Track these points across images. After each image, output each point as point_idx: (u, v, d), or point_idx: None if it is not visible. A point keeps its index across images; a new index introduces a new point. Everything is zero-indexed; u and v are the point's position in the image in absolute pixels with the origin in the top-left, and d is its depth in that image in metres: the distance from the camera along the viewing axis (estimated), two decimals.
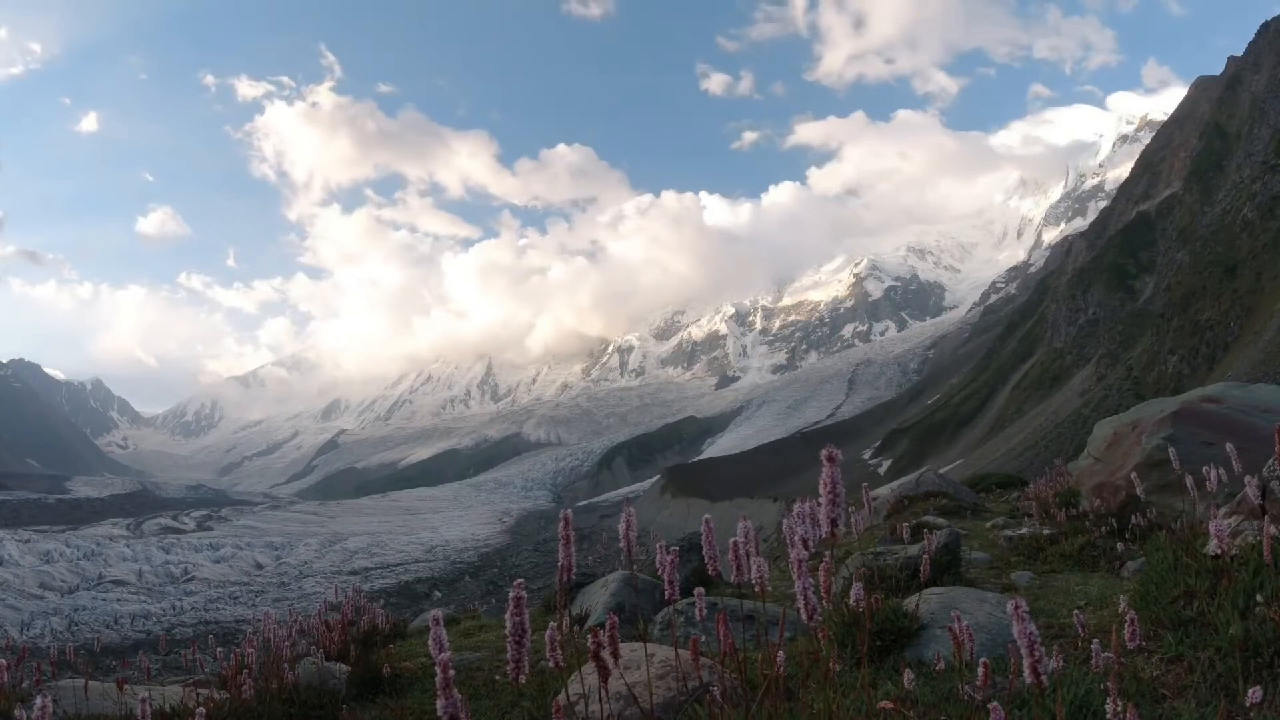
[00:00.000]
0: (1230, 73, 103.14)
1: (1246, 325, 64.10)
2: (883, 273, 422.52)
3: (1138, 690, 3.50)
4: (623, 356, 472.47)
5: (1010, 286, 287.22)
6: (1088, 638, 3.52)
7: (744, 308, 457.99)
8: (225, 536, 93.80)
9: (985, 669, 2.81)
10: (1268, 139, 79.37)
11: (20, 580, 62.86)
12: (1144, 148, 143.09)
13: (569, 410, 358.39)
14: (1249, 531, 4.63)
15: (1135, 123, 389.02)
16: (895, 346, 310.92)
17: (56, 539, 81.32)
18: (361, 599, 9.80)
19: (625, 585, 7.51)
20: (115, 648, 40.46)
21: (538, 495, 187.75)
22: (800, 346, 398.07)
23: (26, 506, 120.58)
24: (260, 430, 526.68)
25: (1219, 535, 3.35)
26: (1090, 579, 7.02)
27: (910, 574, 6.35)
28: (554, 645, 2.29)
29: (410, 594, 65.99)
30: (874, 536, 9.66)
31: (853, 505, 6.27)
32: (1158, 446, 8.39)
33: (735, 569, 2.62)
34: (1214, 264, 73.30)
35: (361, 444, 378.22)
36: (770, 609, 5.41)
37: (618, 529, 2.56)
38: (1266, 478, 4.81)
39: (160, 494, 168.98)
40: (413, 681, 6.17)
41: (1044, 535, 8.76)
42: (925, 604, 4.96)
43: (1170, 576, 4.48)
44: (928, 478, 15.42)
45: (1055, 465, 15.74)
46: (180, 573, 71.19)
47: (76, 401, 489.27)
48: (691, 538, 8.58)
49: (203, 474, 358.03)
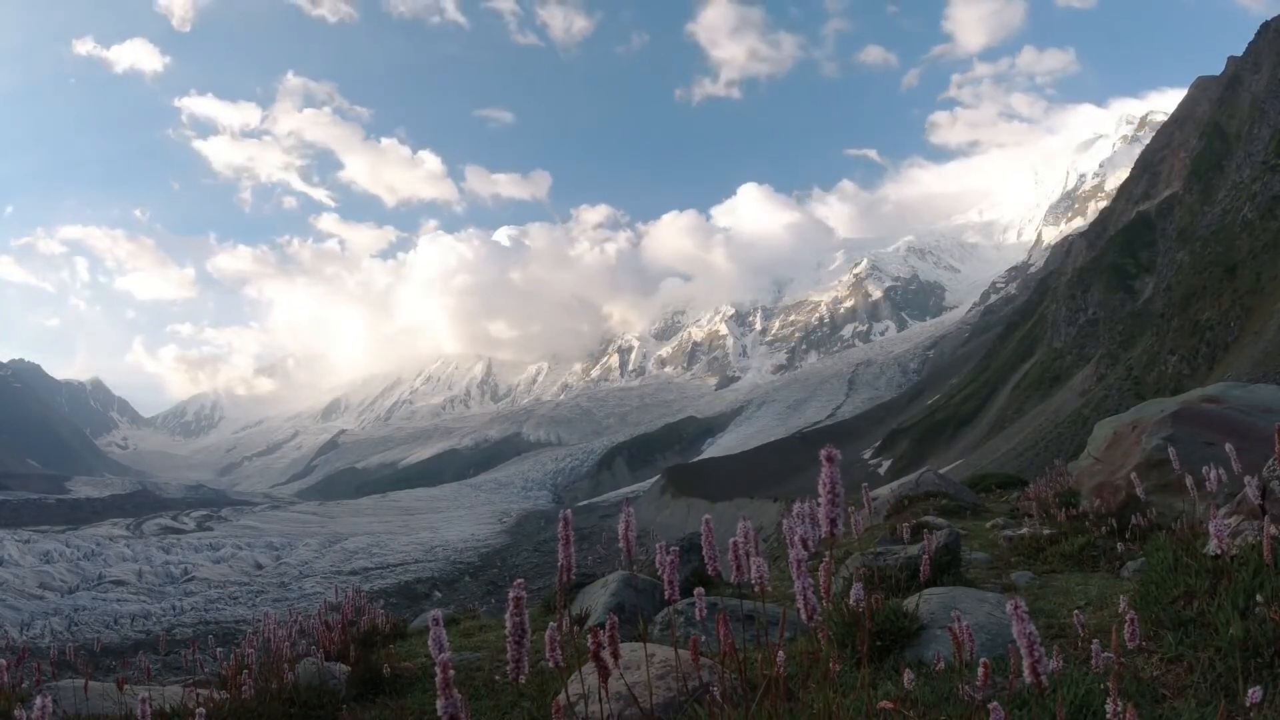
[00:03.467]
0: (1230, 73, 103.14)
1: (1246, 325, 64.09)
2: (883, 273, 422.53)
3: (1138, 690, 3.50)
4: (623, 356, 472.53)
5: (1010, 286, 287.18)
6: (1088, 638, 3.52)
7: (744, 308, 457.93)
8: (225, 537, 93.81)
9: (985, 669, 2.81)
10: (1268, 139, 79.38)
11: (20, 580, 62.87)
12: (1144, 148, 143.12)
13: (569, 410, 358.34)
14: (1249, 531, 4.63)
15: (1135, 123, 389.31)
16: (895, 347, 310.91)
17: (56, 539, 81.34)
18: (361, 599, 9.80)
19: (625, 585, 7.51)
20: (115, 648, 40.42)
21: (538, 495, 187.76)
22: (800, 347, 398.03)
23: (26, 506, 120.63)
24: (260, 430, 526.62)
25: (1219, 535, 3.35)
26: (1090, 579, 7.02)
27: (910, 574, 6.35)
28: (554, 645, 2.28)
29: (410, 594, 65.99)
30: (874, 536, 9.65)
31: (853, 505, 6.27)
32: (1158, 446, 8.39)
33: (735, 569, 2.62)
34: (1214, 264, 73.29)
35: (361, 444, 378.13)
36: (770, 609, 5.41)
37: (618, 529, 2.56)
38: (1266, 478, 4.81)
39: (160, 494, 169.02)
40: (413, 681, 6.16)
41: (1044, 535, 8.76)
42: (925, 604, 4.96)
43: (1170, 576, 4.48)
44: (928, 478, 15.42)
45: (1055, 465, 15.75)
46: (180, 573, 71.19)
47: (76, 401, 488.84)
48: (691, 538, 8.57)
49: (203, 474, 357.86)
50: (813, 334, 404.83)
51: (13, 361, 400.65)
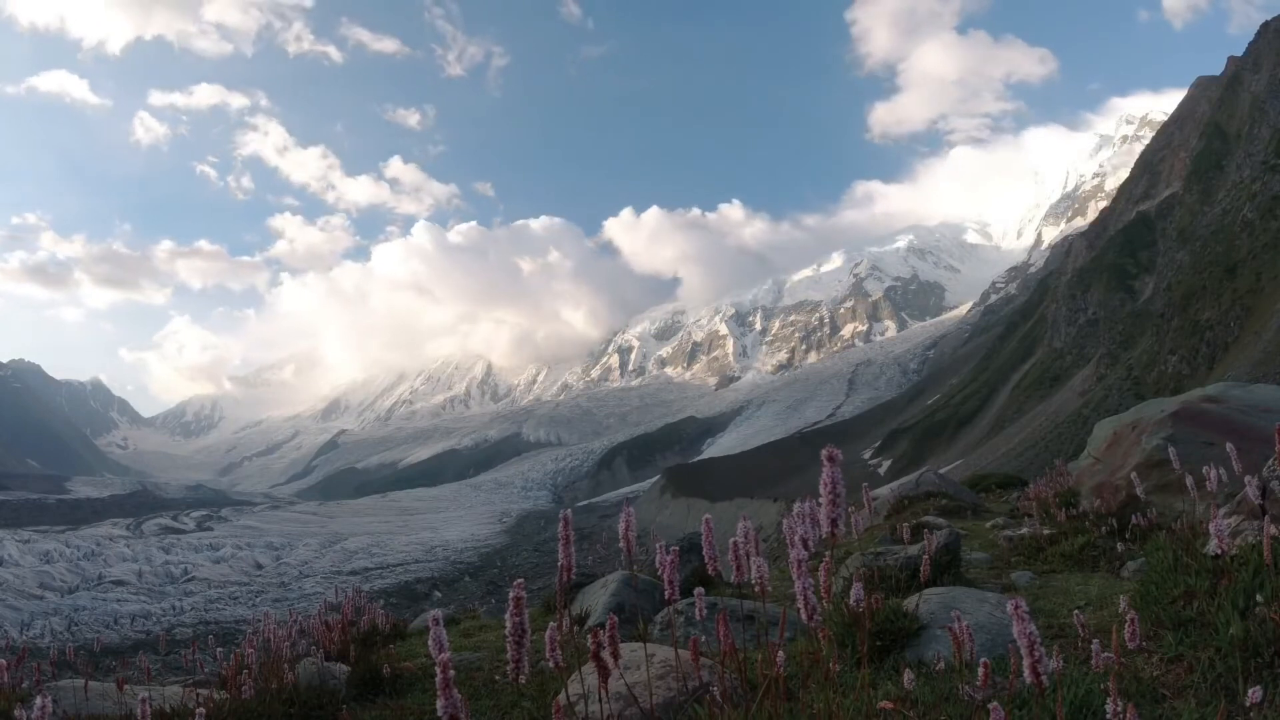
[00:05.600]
0: (1230, 73, 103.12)
1: (1246, 325, 64.08)
2: (883, 273, 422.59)
3: (1138, 690, 3.50)
4: (623, 356, 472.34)
5: (1010, 286, 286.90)
6: (1088, 638, 3.52)
7: (744, 308, 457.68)
8: (225, 537, 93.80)
9: (985, 669, 2.81)
10: (1268, 139, 79.38)
11: (20, 580, 62.86)
12: (1144, 148, 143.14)
13: (569, 410, 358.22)
14: (1249, 531, 4.63)
15: (1135, 123, 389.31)
16: (895, 346, 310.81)
17: (56, 539, 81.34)
18: (361, 599, 9.80)
19: (625, 585, 7.50)
20: (115, 648, 40.40)
21: (538, 495, 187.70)
22: (800, 346, 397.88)
23: (26, 506, 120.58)
24: (260, 430, 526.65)
25: (1219, 535, 3.35)
26: (1090, 579, 7.02)
27: (910, 574, 6.34)
28: (554, 645, 2.28)
29: (410, 594, 65.96)
30: (874, 536, 9.65)
31: (853, 505, 6.27)
32: (1158, 446, 8.39)
33: (735, 569, 2.62)
34: (1214, 264, 73.30)
35: (361, 444, 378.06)
36: (770, 609, 5.41)
37: (618, 529, 2.56)
38: (1266, 478, 4.81)
39: (160, 494, 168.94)
40: (413, 682, 6.16)
41: (1044, 535, 8.75)
42: (925, 604, 4.95)
43: (1170, 576, 4.48)
44: (928, 478, 15.41)
45: (1055, 465, 15.73)
46: (180, 573, 71.18)
47: (76, 402, 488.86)
48: (691, 538, 8.57)
49: (203, 474, 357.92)
50: (813, 334, 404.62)
51: (13, 361, 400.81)
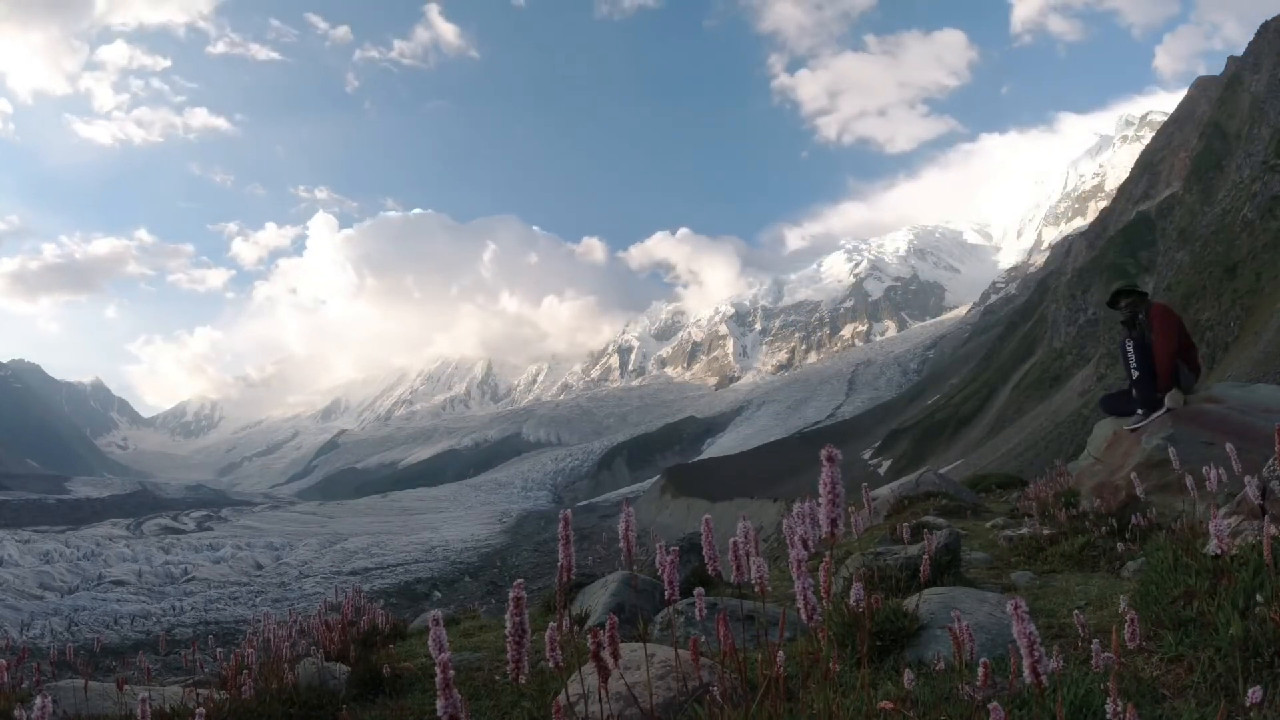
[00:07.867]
0: (1230, 73, 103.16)
1: (1246, 325, 64.06)
2: (883, 273, 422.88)
3: (1138, 690, 3.49)
4: (623, 356, 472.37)
5: (1010, 286, 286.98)
6: (1088, 638, 3.51)
7: (744, 308, 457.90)
8: (225, 537, 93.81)
9: (985, 669, 2.81)
10: (1268, 139, 79.34)
11: (20, 580, 62.87)
12: (1144, 148, 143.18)
13: (569, 410, 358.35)
14: (1249, 531, 4.63)
15: (1135, 123, 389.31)
16: (895, 346, 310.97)
17: (56, 539, 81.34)
18: (361, 599, 9.79)
19: (625, 585, 7.50)
20: (115, 648, 40.42)
21: (538, 495, 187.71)
22: (800, 346, 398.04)
23: (26, 506, 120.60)
24: (260, 430, 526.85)
25: (1219, 535, 3.35)
26: (1090, 579, 7.01)
27: (910, 574, 6.34)
28: (554, 645, 2.28)
29: (410, 594, 65.99)
30: (874, 537, 9.65)
31: (853, 505, 6.27)
32: (1158, 446, 8.38)
33: (735, 569, 2.61)
34: (1214, 264, 73.29)
35: (361, 444, 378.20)
36: (770, 609, 5.41)
37: (618, 529, 2.55)
38: (1266, 478, 4.80)
39: (160, 494, 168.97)
40: (413, 682, 6.16)
41: (1044, 535, 8.75)
42: (925, 604, 4.95)
43: (1170, 576, 4.47)
44: (928, 478, 15.40)
45: (1055, 465, 15.72)
46: (180, 573, 71.19)
47: (76, 402, 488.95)
48: (691, 538, 8.57)
49: (203, 474, 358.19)
50: (813, 334, 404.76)
51: (13, 361, 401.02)
